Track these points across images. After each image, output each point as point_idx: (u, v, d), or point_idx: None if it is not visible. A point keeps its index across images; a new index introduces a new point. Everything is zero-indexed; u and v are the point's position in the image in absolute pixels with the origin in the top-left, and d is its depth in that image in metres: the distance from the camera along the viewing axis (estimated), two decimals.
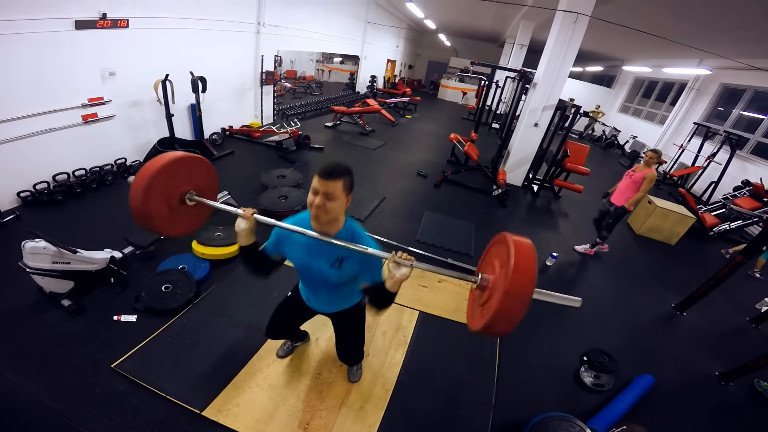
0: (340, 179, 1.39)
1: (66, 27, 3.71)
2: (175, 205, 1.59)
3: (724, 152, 7.76)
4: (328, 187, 1.37)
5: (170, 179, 1.53)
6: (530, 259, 1.15)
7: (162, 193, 1.51)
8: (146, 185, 1.43)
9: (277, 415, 2.16)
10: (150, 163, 1.47)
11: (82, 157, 4.27)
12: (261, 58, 7.26)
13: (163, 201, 1.53)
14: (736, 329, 3.94)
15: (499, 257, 1.30)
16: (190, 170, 1.62)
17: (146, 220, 1.48)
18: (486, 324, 1.18)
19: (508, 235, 1.26)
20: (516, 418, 2.42)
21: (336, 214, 1.44)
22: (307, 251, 1.59)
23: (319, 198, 1.38)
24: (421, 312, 3.19)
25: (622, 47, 11.21)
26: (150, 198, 1.45)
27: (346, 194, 1.44)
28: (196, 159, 1.65)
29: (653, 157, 4.09)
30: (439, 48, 21.20)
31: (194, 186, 1.64)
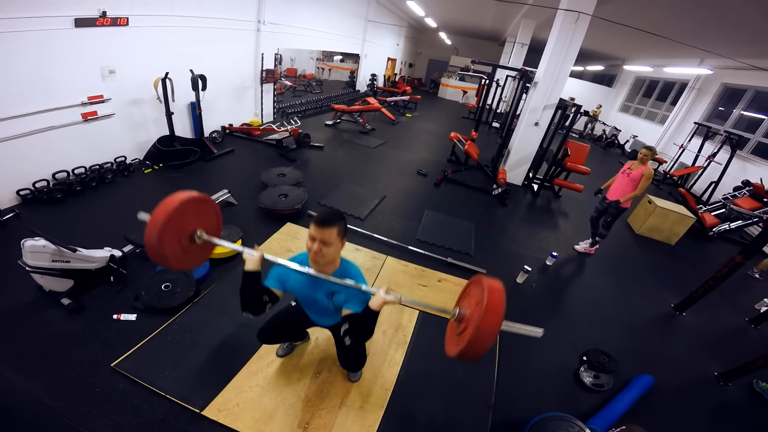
0: (334, 227, 1.61)
1: (66, 25, 3.69)
2: (185, 244, 1.73)
3: (725, 152, 7.76)
4: (324, 235, 1.60)
5: (180, 221, 1.66)
6: (500, 300, 1.36)
7: (174, 235, 1.65)
8: (160, 230, 1.55)
9: (276, 415, 2.16)
10: (161, 207, 1.59)
11: (82, 156, 4.26)
12: (261, 56, 7.24)
13: (175, 242, 1.67)
14: (735, 329, 3.94)
15: (474, 296, 1.51)
16: (196, 210, 1.75)
17: (161, 260, 1.63)
18: (460, 351, 1.39)
19: (483, 277, 1.48)
20: (515, 418, 2.42)
21: (332, 258, 1.69)
22: (307, 285, 1.86)
23: (316, 245, 1.62)
24: (421, 311, 3.19)
25: (623, 46, 11.20)
26: (164, 241, 1.58)
27: (341, 239, 1.68)
28: (201, 198, 1.76)
29: (648, 154, 4.09)
30: (440, 46, 21.16)
31: (201, 224, 1.77)
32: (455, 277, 3.75)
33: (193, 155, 5.31)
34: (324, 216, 1.62)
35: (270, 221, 4.16)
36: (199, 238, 1.75)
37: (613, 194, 4.36)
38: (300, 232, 4.03)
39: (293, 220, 4.23)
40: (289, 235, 3.96)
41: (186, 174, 5.04)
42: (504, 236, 5.01)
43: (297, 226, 4.15)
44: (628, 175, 4.20)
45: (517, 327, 1.48)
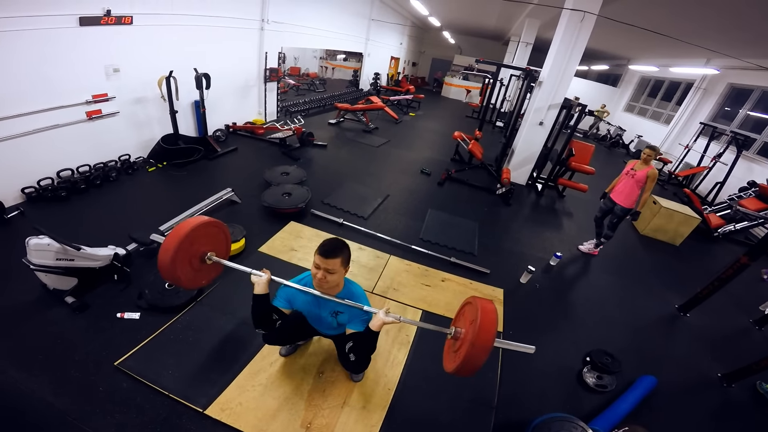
0: (338, 257, 1.75)
1: (70, 23, 3.70)
2: (196, 265, 1.90)
3: (730, 152, 7.70)
4: (328, 264, 1.73)
5: (192, 244, 1.83)
6: (492, 320, 1.52)
7: (186, 257, 1.82)
8: (173, 254, 1.71)
9: (279, 414, 2.16)
10: (174, 231, 1.77)
11: (86, 154, 4.27)
12: (265, 54, 7.24)
13: (187, 264, 1.84)
14: (740, 331, 3.92)
15: (469, 316, 1.66)
16: (207, 232, 1.92)
17: (175, 281, 1.82)
18: (456, 367, 1.55)
19: (477, 298, 1.66)
20: (518, 419, 2.42)
21: (335, 283, 1.83)
22: (312, 304, 2.03)
23: (320, 273, 1.75)
24: (424, 311, 3.19)
25: (629, 46, 11.12)
26: (176, 264, 1.75)
27: (344, 267, 1.81)
28: (212, 223, 1.93)
29: (651, 154, 4.05)
30: (443, 45, 21.09)
31: (211, 246, 1.97)
32: (459, 276, 3.74)
33: (196, 154, 5.32)
34: (328, 247, 1.75)
35: (273, 220, 4.16)
36: (210, 260, 1.94)
37: (619, 196, 4.32)
38: (303, 231, 4.03)
39: (297, 219, 4.23)
40: (292, 234, 3.96)
41: (190, 172, 5.05)
42: (508, 236, 4.99)
43: (300, 224, 4.15)
44: (633, 177, 4.15)
45: (509, 344, 1.65)
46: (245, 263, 3.30)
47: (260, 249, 3.61)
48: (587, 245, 4.80)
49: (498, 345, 1.54)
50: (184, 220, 1.93)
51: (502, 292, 3.65)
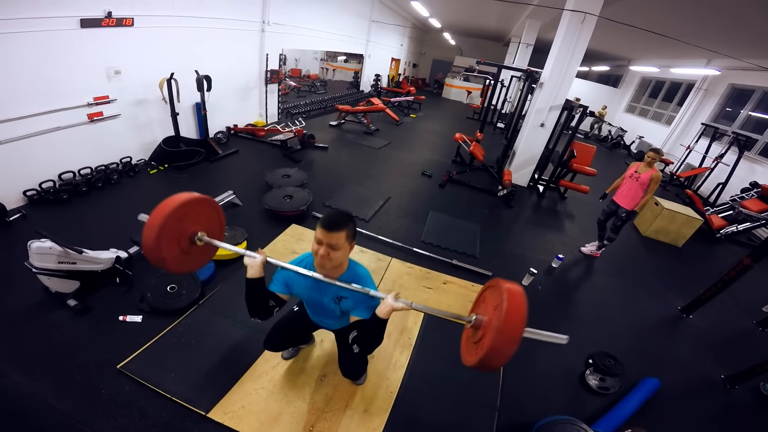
0: (342, 230, 1.50)
1: (71, 25, 3.71)
2: (185, 246, 1.68)
3: (732, 153, 7.69)
4: (331, 239, 1.48)
5: (180, 222, 1.60)
6: (521, 305, 1.30)
7: (173, 236, 1.59)
8: (158, 231, 1.50)
9: (281, 418, 2.16)
10: (160, 207, 1.54)
11: (88, 156, 4.28)
12: (266, 56, 7.26)
13: (174, 244, 1.61)
14: (743, 332, 3.90)
15: (492, 301, 1.42)
16: (198, 211, 1.70)
17: (159, 261, 1.57)
18: (480, 360, 1.31)
19: (501, 281, 1.40)
20: (521, 421, 2.41)
21: (339, 262, 1.58)
22: (312, 289, 1.78)
23: (323, 249, 1.50)
24: (425, 314, 3.18)
25: (630, 47, 11.13)
26: (162, 243, 1.53)
27: (349, 243, 1.57)
28: (204, 200, 1.72)
29: (655, 157, 4.03)
30: (444, 47, 21.12)
31: (203, 226, 1.73)
32: (461, 279, 3.73)
33: (198, 156, 5.33)
34: (332, 218, 1.50)
35: (275, 223, 4.16)
36: (200, 240, 1.70)
37: (623, 199, 4.31)
38: (305, 234, 4.03)
39: (298, 222, 4.22)
40: (293, 237, 3.96)
41: (191, 175, 5.06)
42: (509, 238, 4.98)
43: (302, 227, 4.14)
44: (636, 180, 4.14)
45: (540, 334, 1.40)
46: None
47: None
48: (589, 247, 4.79)
49: (528, 335, 1.32)
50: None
51: None
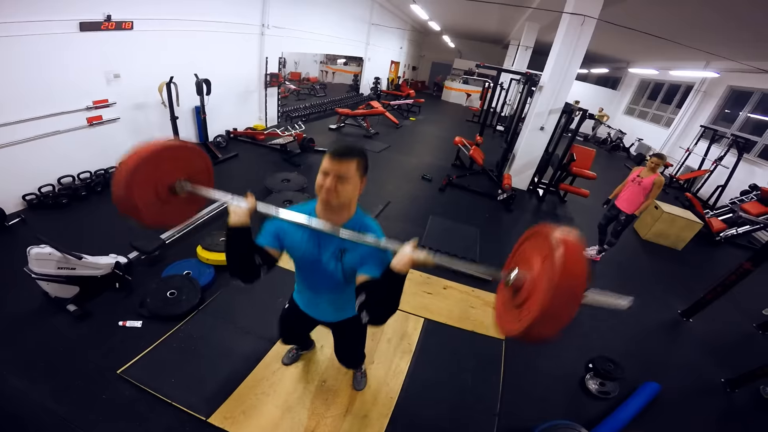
0: (353, 159, 1.27)
1: (70, 29, 3.72)
2: (164, 195, 1.45)
3: (732, 155, 7.69)
4: (341, 169, 1.24)
5: (158, 167, 1.40)
6: (579, 252, 1.00)
7: (149, 182, 1.38)
8: (130, 173, 1.30)
9: (282, 423, 2.15)
10: (136, 149, 1.34)
11: (87, 160, 4.28)
12: (265, 59, 7.27)
13: (150, 190, 1.40)
14: (743, 335, 3.90)
15: (537, 251, 1.12)
16: (180, 158, 1.50)
17: (131, 210, 1.35)
18: (526, 328, 1.01)
19: (547, 226, 1.12)
20: (521, 426, 2.40)
21: (348, 199, 1.31)
22: (311, 242, 1.42)
23: (330, 180, 1.24)
24: (426, 319, 3.17)
25: (628, 49, 11.17)
26: (134, 187, 1.32)
27: (360, 178, 1.32)
28: (187, 147, 1.54)
29: (658, 163, 4.02)
30: (443, 49, 21.18)
31: (186, 175, 1.50)
32: (460, 284, 3.73)
33: None
34: (342, 148, 1.27)
35: None
36: (182, 189, 1.48)
37: (624, 203, 4.30)
38: None
39: None
40: None
41: None
42: (509, 242, 4.98)
43: None
44: (639, 184, 4.13)
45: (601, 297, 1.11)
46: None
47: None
48: (590, 251, 4.78)
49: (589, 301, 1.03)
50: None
51: None
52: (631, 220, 4.31)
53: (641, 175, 4.16)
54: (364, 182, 1.36)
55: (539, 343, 1.06)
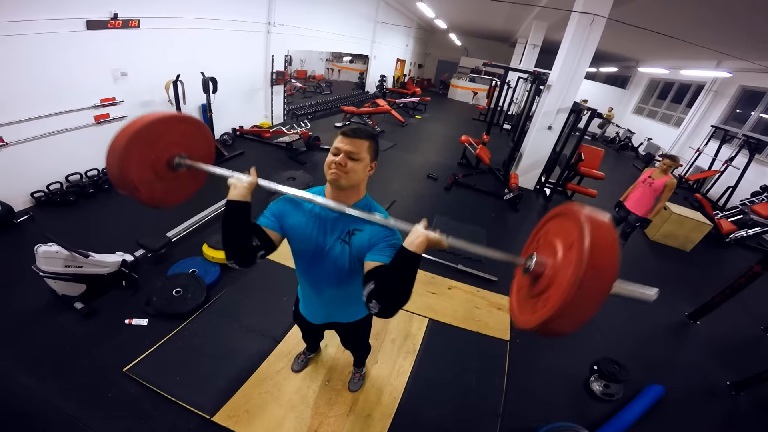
0: (366, 140, 1.23)
1: (77, 27, 3.73)
2: (161, 171, 1.37)
3: (743, 156, 7.56)
4: (353, 147, 1.21)
5: (154, 142, 1.31)
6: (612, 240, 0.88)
7: (145, 157, 1.29)
8: (124, 147, 1.22)
9: (286, 422, 2.16)
10: (131, 122, 1.26)
11: (95, 158, 4.29)
12: (271, 57, 7.27)
13: (148, 168, 1.32)
14: (750, 338, 3.85)
15: (562, 236, 1.01)
16: (179, 132, 1.40)
17: (126, 187, 1.29)
18: (545, 321, 0.91)
19: (573, 205, 1.01)
20: (524, 427, 2.39)
21: (357, 180, 1.26)
22: (315, 226, 1.35)
23: (341, 157, 1.20)
24: (430, 319, 3.16)
25: (638, 48, 11.00)
26: (130, 163, 1.24)
27: (371, 160, 1.27)
28: (186, 119, 1.45)
29: (670, 164, 3.94)
30: (449, 47, 21.04)
31: (185, 149, 1.42)
32: (466, 284, 3.71)
33: None
34: (354, 127, 1.25)
35: None
36: (181, 165, 1.39)
37: (635, 205, 4.21)
38: None
39: None
40: None
41: None
42: (516, 242, 4.95)
43: None
44: (650, 186, 4.03)
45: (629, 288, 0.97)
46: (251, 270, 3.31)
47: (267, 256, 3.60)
48: None
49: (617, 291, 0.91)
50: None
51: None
52: (642, 223, 4.23)
53: (653, 176, 4.07)
54: (374, 167, 1.31)
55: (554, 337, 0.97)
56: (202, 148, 1.49)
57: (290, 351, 2.60)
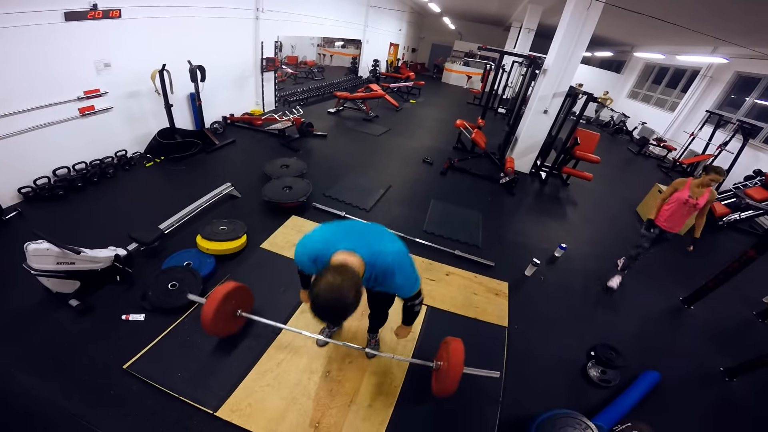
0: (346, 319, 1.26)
1: (55, 19, 3.57)
2: (228, 319, 2.42)
3: (737, 141, 7.60)
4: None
5: (225, 303, 2.32)
6: (460, 355, 2.13)
7: (221, 314, 2.30)
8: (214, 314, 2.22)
9: (288, 415, 2.16)
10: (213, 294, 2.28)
11: (82, 151, 4.19)
12: (261, 44, 7.07)
13: (222, 319, 2.34)
14: (743, 323, 3.90)
15: (446, 352, 2.24)
16: (235, 294, 2.41)
17: (214, 333, 2.35)
18: (439, 390, 2.23)
19: (450, 339, 2.29)
20: (523, 413, 2.43)
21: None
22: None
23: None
24: (429, 306, 3.17)
25: (634, 32, 10.87)
26: (218, 321, 2.29)
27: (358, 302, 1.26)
28: (238, 286, 2.45)
29: (716, 179, 3.32)
30: (443, 31, 20.67)
31: (238, 303, 2.48)
32: (463, 270, 3.72)
33: (194, 147, 5.24)
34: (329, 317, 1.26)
35: (274, 214, 4.11)
36: (238, 315, 2.49)
37: (671, 224, 3.65)
38: (305, 225, 3.99)
39: (298, 213, 4.18)
40: (294, 229, 3.91)
41: (188, 167, 4.98)
42: (512, 226, 4.96)
43: (302, 219, 4.11)
44: (694, 206, 3.44)
45: (475, 371, 2.25)
46: (247, 261, 3.32)
47: (262, 245, 3.57)
48: (614, 281, 3.98)
49: (467, 372, 2.14)
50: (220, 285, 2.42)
51: (507, 285, 3.63)
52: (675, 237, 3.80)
53: (692, 195, 3.44)
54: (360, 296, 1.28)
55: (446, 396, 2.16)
56: (248, 301, 2.63)
57: (290, 342, 2.60)
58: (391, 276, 1.43)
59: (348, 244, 1.37)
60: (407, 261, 1.48)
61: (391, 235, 1.68)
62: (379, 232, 1.65)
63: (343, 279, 1.18)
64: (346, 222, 1.67)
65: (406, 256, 1.48)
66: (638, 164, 9.69)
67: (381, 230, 1.71)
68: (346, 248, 1.36)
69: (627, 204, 6.39)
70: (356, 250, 1.35)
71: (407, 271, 1.48)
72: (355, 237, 1.43)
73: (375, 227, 1.77)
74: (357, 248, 1.35)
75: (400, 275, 1.44)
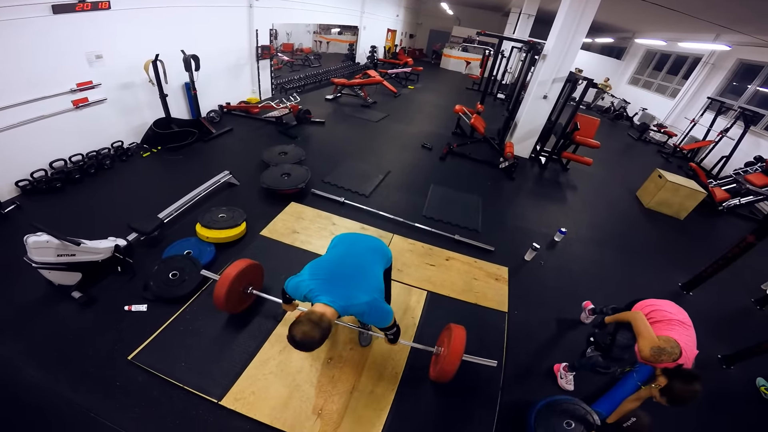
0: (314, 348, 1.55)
1: (43, 12, 3.47)
2: (238, 295, 2.54)
3: (738, 127, 7.55)
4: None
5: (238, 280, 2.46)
6: (461, 342, 2.21)
7: (234, 290, 2.45)
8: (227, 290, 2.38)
9: (291, 402, 2.19)
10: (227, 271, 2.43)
11: (78, 143, 4.14)
12: (255, 32, 6.93)
13: (234, 295, 2.48)
14: (741, 310, 3.89)
15: (447, 338, 2.32)
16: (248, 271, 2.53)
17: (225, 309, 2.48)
18: (437, 375, 2.30)
19: (453, 326, 2.34)
20: (524, 399, 2.47)
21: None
22: None
23: None
24: (429, 292, 3.19)
25: (636, 19, 10.65)
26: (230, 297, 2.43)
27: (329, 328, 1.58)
28: (251, 263, 2.57)
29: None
30: (441, 17, 20.28)
31: (248, 280, 2.60)
32: (463, 255, 3.72)
33: (191, 136, 5.18)
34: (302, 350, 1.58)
35: (274, 201, 4.10)
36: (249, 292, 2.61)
37: None
38: (305, 212, 3.98)
39: (297, 200, 4.17)
40: (293, 216, 3.90)
41: (185, 156, 4.93)
42: (512, 211, 4.95)
43: (301, 205, 4.09)
44: None
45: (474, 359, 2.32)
46: (247, 249, 3.32)
47: (262, 233, 3.57)
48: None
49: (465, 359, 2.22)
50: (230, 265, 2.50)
51: (507, 270, 3.64)
52: None
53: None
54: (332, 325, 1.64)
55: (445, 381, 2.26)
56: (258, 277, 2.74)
57: None
58: (365, 316, 1.72)
59: (328, 298, 1.64)
60: (378, 306, 1.73)
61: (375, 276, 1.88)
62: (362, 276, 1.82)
63: (314, 330, 1.51)
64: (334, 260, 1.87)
65: (379, 302, 1.74)
66: (638, 150, 9.63)
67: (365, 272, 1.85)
68: (326, 302, 1.63)
69: (627, 188, 6.39)
70: (333, 303, 1.63)
71: (379, 311, 1.73)
72: (336, 287, 1.69)
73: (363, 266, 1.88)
74: (335, 301, 1.64)
75: (372, 316, 1.72)
